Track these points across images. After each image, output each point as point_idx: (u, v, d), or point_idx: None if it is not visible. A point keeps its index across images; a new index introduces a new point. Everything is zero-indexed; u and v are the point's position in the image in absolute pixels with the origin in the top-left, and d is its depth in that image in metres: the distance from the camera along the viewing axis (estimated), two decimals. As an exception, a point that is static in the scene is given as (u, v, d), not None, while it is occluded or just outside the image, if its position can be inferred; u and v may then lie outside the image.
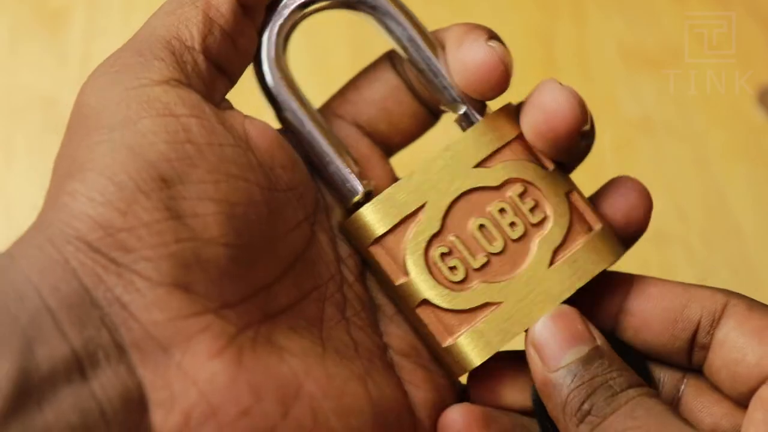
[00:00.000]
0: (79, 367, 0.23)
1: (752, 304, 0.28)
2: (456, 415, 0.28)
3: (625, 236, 0.30)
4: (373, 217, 0.28)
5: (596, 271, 0.29)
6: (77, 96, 0.27)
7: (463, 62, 0.29)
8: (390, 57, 0.31)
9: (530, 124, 0.29)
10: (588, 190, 0.31)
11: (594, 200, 0.30)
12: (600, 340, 0.27)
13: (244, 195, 0.26)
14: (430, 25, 0.35)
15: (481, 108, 0.30)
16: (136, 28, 0.28)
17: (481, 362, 0.28)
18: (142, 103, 0.26)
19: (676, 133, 0.58)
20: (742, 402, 0.27)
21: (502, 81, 0.29)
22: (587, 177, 0.55)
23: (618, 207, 0.30)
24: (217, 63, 0.28)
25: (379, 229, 0.28)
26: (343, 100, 0.31)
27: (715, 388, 0.28)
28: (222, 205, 0.26)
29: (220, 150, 0.26)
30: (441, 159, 0.29)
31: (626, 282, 0.29)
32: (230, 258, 0.26)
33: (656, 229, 0.55)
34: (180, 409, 0.24)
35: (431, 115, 0.32)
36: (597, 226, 0.29)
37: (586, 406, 0.26)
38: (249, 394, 0.25)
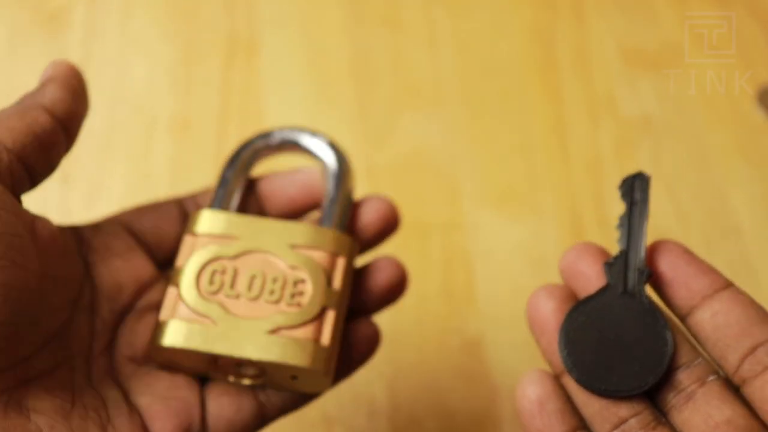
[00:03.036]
0: None
1: None
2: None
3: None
4: (207, 221, 0.36)
5: (289, 362, 0.33)
6: None
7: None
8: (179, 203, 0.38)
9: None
10: (588, 190, 0.31)
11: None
12: None
13: (23, 281, 0.30)
14: (430, 26, 0.35)
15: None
16: (135, 30, 0.28)
17: (170, 346, 0.33)
18: None
19: (676, 133, 0.58)
20: None
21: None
22: (587, 177, 0.55)
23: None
24: (28, 166, 0.32)
25: (202, 229, 0.36)
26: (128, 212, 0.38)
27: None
28: (4, 287, 0.29)
29: (11, 238, 0.30)
30: (279, 224, 0.36)
31: None
32: (1, 334, 0.30)
33: (656, 229, 0.55)
34: None
35: None
36: (325, 342, 0.34)
37: None
38: None
